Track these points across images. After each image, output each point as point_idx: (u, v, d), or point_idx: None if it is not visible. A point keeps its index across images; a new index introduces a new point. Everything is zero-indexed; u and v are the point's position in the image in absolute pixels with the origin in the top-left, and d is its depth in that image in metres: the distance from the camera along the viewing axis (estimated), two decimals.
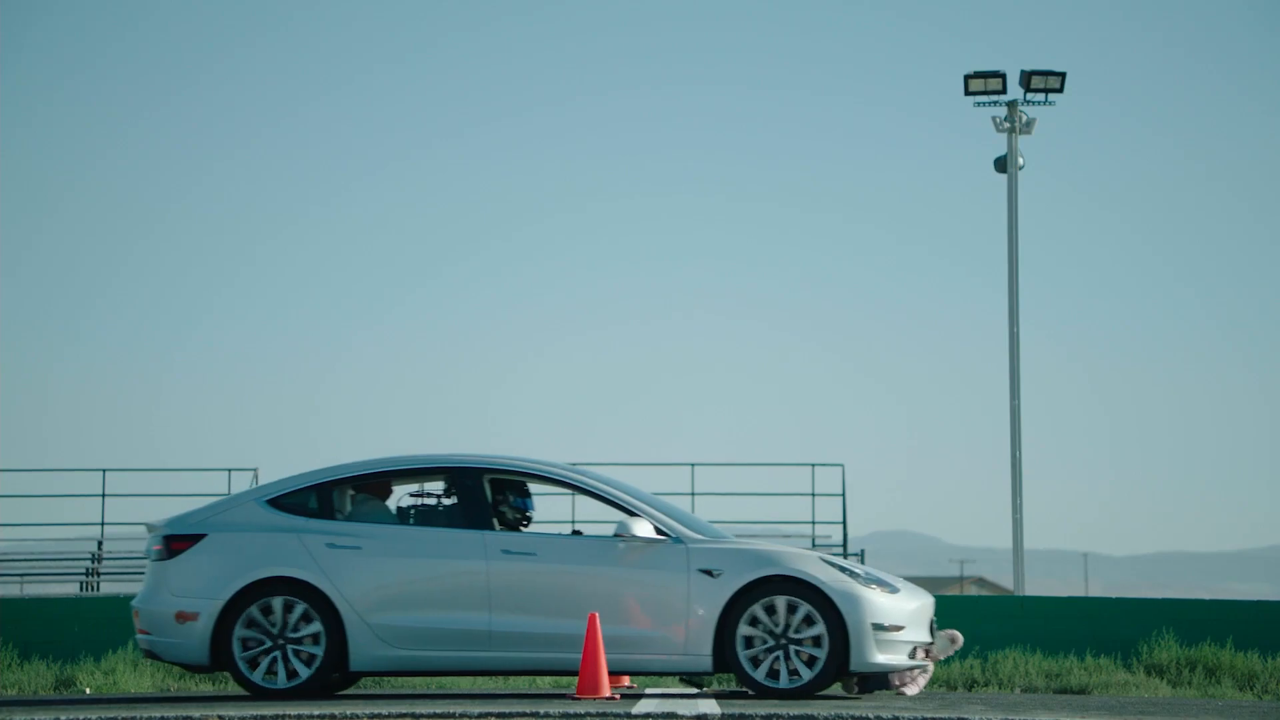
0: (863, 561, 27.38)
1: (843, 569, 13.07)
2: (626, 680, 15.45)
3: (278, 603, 13.17)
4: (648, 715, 11.46)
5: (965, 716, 11.50)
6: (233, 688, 19.04)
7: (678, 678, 17.81)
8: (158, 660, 13.69)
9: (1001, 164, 27.66)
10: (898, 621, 13.02)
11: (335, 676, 13.48)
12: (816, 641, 12.92)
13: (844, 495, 28.41)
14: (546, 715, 11.42)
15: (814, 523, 28.31)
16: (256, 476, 28.29)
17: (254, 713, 11.61)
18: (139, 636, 13.59)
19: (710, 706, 12.09)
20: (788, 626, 12.95)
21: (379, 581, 13.19)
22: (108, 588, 28.66)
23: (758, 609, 12.96)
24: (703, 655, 13.03)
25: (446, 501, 13.65)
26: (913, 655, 13.19)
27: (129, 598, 23.89)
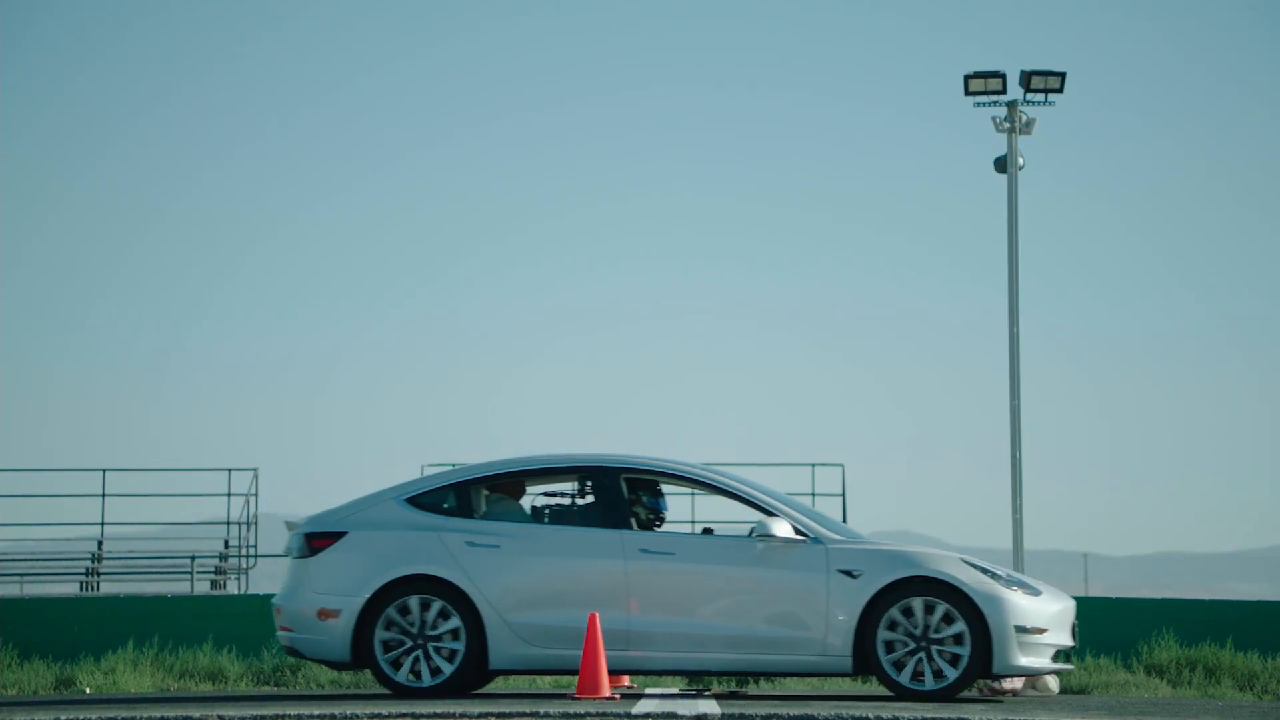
0: None
1: (984, 570, 12.99)
2: (626, 680, 15.46)
3: (419, 601, 13.15)
4: (648, 715, 11.47)
5: (965, 716, 11.51)
6: (234, 687, 19.04)
7: (684, 679, 17.79)
8: (299, 657, 13.68)
9: (1001, 164, 27.63)
10: (1040, 624, 12.93)
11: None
12: (958, 643, 12.82)
13: (844, 495, 28.41)
14: (546, 715, 11.43)
15: None
16: (257, 476, 28.31)
17: (254, 713, 11.63)
18: (280, 634, 13.61)
19: (710, 707, 12.10)
20: (929, 628, 12.87)
21: (518, 580, 13.17)
22: (108, 588, 28.67)
23: (898, 610, 12.90)
24: (843, 656, 12.97)
25: (581, 501, 13.62)
26: (1055, 659, 13.10)
27: (129, 598, 23.89)
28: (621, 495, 13.47)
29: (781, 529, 13.12)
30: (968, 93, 27.27)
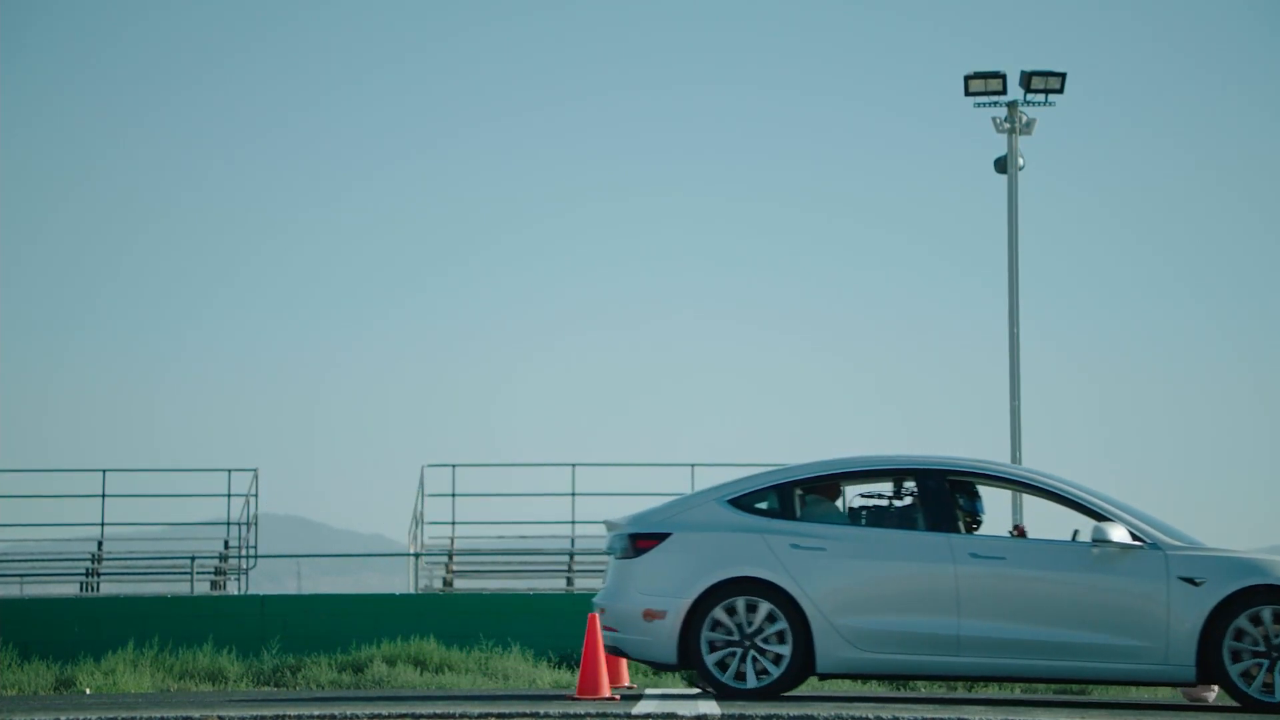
0: None
1: None
2: (626, 680, 15.47)
3: (744, 602, 13.07)
4: (648, 715, 11.48)
5: (965, 717, 11.51)
6: (234, 687, 19.04)
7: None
8: (623, 657, 13.61)
9: (1001, 164, 27.65)
10: None
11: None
12: None
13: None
14: (546, 715, 11.44)
15: None
16: (257, 476, 28.29)
17: (254, 713, 11.63)
18: (605, 633, 13.49)
19: (710, 707, 12.10)
20: (1278, 638, 12.67)
21: (845, 583, 13.07)
22: (108, 588, 28.66)
23: (1245, 619, 12.67)
24: (1185, 666, 12.74)
25: (898, 503, 13.53)
26: None
27: (129, 598, 23.90)
28: (948, 498, 13.34)
29: (1118, 534, 12.90)
30: (968, 93, 27.29)
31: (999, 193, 27.94)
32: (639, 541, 13.41)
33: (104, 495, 28.09)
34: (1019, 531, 13.58)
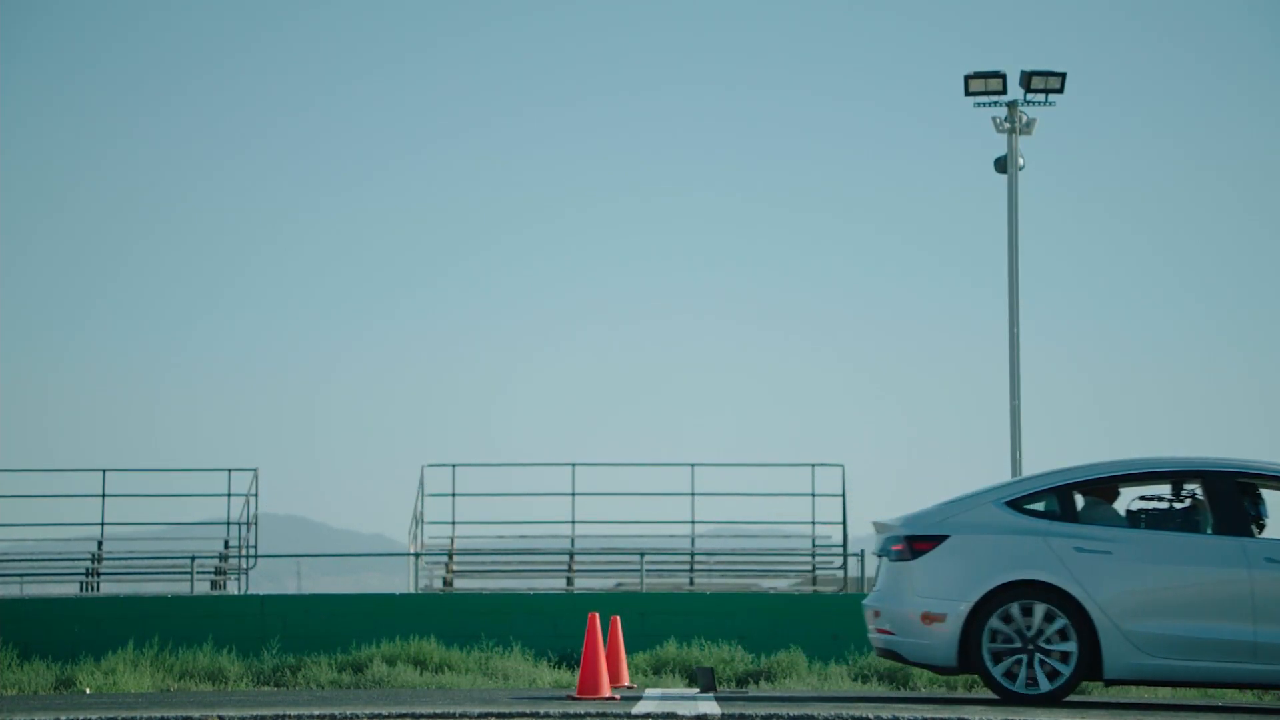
0: (862, 562, 27.32)
1: None
2: (626, 680, 15.48)
3: (1027, 606, 12.91)
4: (648, 715, 11.48)
5: (965, 717, 11.51)
6: (234, 687, 19.03)
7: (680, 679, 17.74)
8: (898, 660, 13.49)
9: (1001, 164, 27.64)
10: None
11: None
12: None
13: (844, 495, 28.38)
14: (546, 715, 11.44)
15: (814, 523, 28.28)
16: (257, 476, 28.27)
17: (254, 713, 11.62)
18: (878, 635, 13.41)
19: (710, 707, 12.10)
20: None
21: (1133, 587, 12.89)
22: (108, 588, 28.65)
23: None
24: None
25: (1179, 505, 13.35)
26: None
27: (129, 598, 23.88)
28: (1239, 501, 13.13)
29: None
30: (968, 93, 27.28)
31: (999, 193, 27.95)
32: (916, 544, 13.25)
33: (104, 495, 28.09)
34: None
